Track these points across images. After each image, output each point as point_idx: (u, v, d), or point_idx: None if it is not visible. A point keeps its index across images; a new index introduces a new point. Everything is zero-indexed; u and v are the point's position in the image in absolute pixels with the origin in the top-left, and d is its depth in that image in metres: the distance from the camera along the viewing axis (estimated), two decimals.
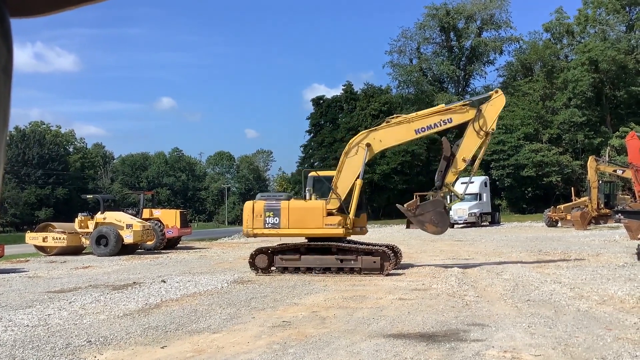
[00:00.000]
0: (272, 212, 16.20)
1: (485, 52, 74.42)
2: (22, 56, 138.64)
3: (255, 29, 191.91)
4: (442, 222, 16.44)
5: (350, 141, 16.60)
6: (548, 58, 67.97)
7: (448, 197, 20.02)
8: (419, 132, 16.80)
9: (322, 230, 15.90)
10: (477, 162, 17.61)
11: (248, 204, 16.80)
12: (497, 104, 16.84)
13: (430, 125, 16.64)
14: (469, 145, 16.64)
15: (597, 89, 62.39)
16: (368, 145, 16.29)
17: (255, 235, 16.74)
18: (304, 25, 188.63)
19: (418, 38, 75.08)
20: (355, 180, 16.17)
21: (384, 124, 17.08)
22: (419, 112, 17.37)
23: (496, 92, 17.22)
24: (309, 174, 18.11)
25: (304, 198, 16.80)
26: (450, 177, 16.55)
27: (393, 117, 17.15)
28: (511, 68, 74.39)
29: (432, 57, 75.87)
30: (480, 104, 16.85)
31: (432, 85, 74.18)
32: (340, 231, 15.79)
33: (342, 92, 76.75)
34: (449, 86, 75.64)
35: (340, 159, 16.64)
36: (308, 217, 16.02)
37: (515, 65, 73.54)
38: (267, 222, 16.17)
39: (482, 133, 16.44)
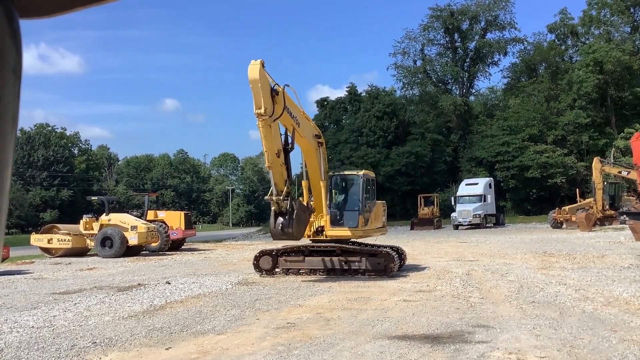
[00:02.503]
0: None
1: (489, 53, 74.26)
2: (27, 57, 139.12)
3: (258, 30, 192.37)
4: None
5: None
6: (552, 59, 67.81)
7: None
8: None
9: None
10: (264, 157, 13.92)
11: None
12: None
13: None
14: None
15: (601, 90, 62.14)
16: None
17: None
18: (308, 26, 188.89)
19: (422, 39, 74.98)
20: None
21: None
22: None
23: None
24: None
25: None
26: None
27: None
28: (515, 69, 74.21)
29: (436, 59, 75.79)
30: None
31: (436, 87, 74.12)
32: None
33: (346, 93, 76.73)
34: (453, 87, 75.54)
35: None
36: None
37: (519, 66, 73.36)
38: None
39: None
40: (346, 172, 18.64)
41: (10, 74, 0.64)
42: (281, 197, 13.70)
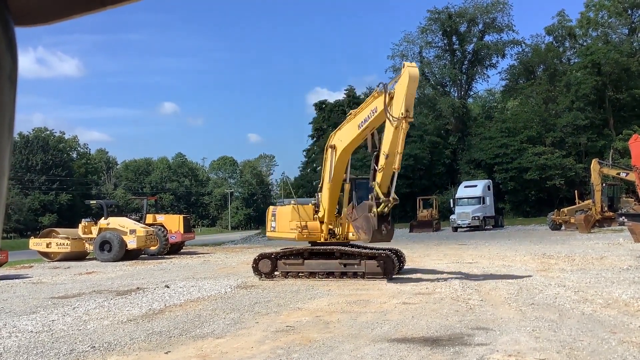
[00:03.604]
0: (273, 217, 17.49)
1: (487, 56, 74.43)
2: (25, 61, 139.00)
3: (257, 33, 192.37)
4: (367, 229, 14.08)
5: (325, 144, 16.65)
6: (550, 61, 67.93)
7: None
8: (361, 127, 15.08)
9: (287, 234, 16.60)
10: (396, 158, 13.85)
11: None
12: (403, 80, 13.73)
13: (366, 117, 14.91)
14: (386, 137, 14.09)
15: (599, 92, 62.24)
16: (332, 146, 16.01)
17: (269, 238, 18.03)
18: (306, 28, 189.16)
19: (420, 42, 75.10)
20: (328, 184, 16.18)
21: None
22: (363, 104, 15.41)
23: (403, 66, 14.08)
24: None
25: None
26: (378, 177, 14.18)
27: (351, 113, 15.86)
28: (513, 71, 74.28)
29: (435, 61, 75.88)
30: (395, 85, 14.26)
31: (434, 89, 74.21)
32: (292, 236, 16.19)
33: (345, 96, 76.83)
34: (452, 90, 75.64)
35: (323, 164, 16.70)
36: (283, 221, 16.88)
37: (517, 68, 73.46)
38: (272, 225, 17.44)
39: (392, 119, 13.77)
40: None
41: (6, 80, 0.64)
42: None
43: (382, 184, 14.00)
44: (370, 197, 14.34)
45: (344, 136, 15.86)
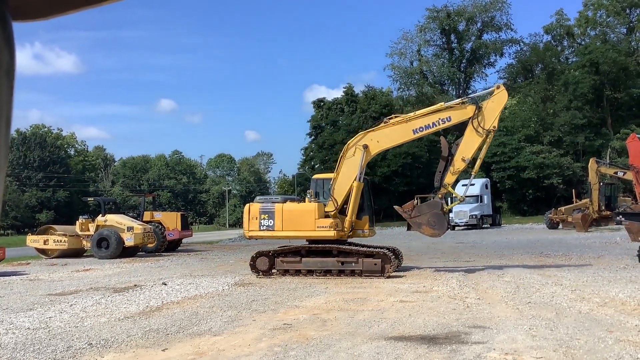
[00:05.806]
0: (266, 215, 16.32)
1: (485, 54, 74.56)
2: (22, 58, 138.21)
3: (255, 31, 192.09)
4: (439, 225, 15.66)
5: (348, 142, 16.63)
6: (548, 60, 68.09)
7: (449, 198, 19.55)
8: (417, 132, 16.24)
9: (314, 232, 15.93)
10: (478, 163, 16.57)
11: (246, 207, 17.07)
12: (498, 100, 15.96)
13: (429, 124, 16.08)
14: (469, 145, 15.94)
15: (597, 91, 62.39)
16: (365, 146, 16.13)
17: (250, 237, 17.07)
18: (305, 26, 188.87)
19: (419, 40, 75.28)
20: (353, 182, 16.16)
21: (382, 124, 16.65)
22: (418, 112, 16.69)
23: (498, 87, 16.23)
24: (313, 177, 18.28)
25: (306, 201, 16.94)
26: (449, 178, 15.86)
27: (391, 117, 16.66)
28: (512, 70, 74.45)
29: (433, 60, 75.97)
30: (482, 100, 16.13)
31: (432, 88, 74.29)
32: (331, 233, 15.68)
33: (343, 94, 76.79)
34: (450, 88, 75.72)
35: (338, 161, 16.60)
36: (300, 219, 16.10)
37: (515, 67, 73.63)
38: (262, 224, 16.30)
39: (482, 131, 15.67)
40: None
41: (4, 75, 0.64)
42: None
43: (451, 184, 15.98)
44: (439, 196, 16.06)
45: (384, 138, 16.44)
